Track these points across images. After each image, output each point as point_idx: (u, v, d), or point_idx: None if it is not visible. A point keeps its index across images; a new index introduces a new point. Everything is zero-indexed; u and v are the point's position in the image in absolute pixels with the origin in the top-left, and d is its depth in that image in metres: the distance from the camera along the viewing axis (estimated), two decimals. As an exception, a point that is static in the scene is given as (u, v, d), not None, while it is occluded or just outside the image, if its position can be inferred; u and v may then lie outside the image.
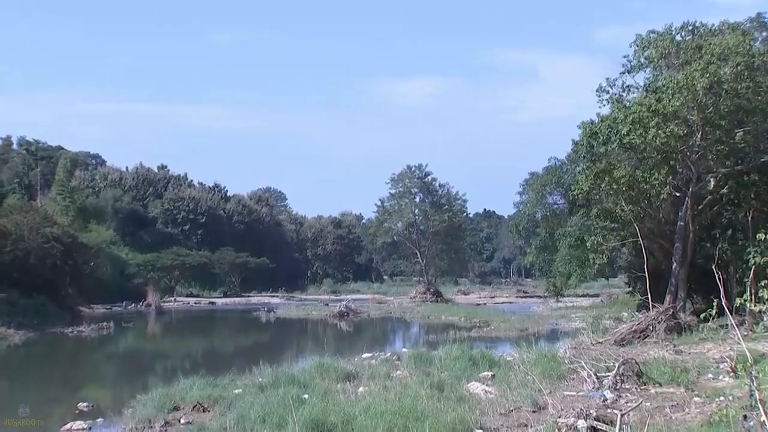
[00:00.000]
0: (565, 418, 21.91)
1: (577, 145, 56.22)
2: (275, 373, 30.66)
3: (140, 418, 25.48)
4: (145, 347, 63.49)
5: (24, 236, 76.70)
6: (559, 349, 39.93)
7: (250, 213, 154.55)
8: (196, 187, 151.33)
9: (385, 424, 21.07)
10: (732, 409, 16.86)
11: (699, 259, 47.39)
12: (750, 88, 45.72)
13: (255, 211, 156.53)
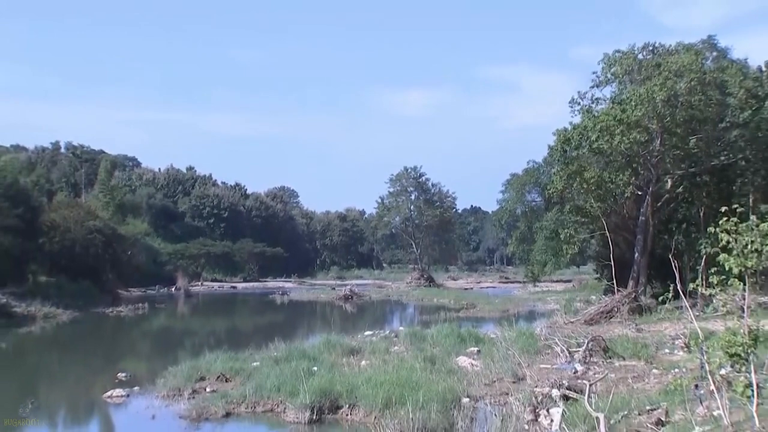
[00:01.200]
0: (541, 388, 22.04)
1: (552, 150, 56.45)
2: (288, 348, 30.88)
3: (171, 387, 25.73)
4: (175, 325, 63.64)
5: (70, 228, 76.91)
6: (536, 328, 40.02)
7: (267, 209, 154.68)
8: (220, 186, 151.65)
9: (384, 393, 21.24)
10: (685, 380, 16.98)
11: (658, 250, 47.54)
12: (702, 101, 45.99)
13: (271, 207, 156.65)
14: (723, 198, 41.49)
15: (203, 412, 22.46)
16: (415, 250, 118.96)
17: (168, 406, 24.08)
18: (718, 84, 47.41)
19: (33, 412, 27.71)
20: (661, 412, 17.88)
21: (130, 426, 23.39)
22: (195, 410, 22.65)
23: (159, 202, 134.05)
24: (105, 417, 25.00)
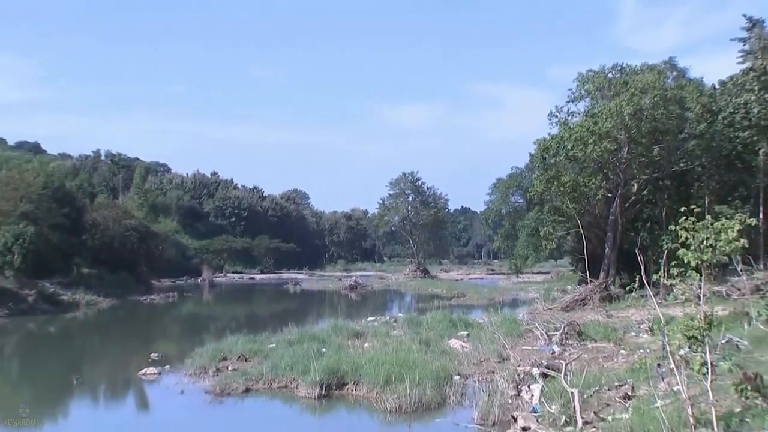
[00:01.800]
0: (523, 367, 22.08)
1: (533, 157, 56.51)
2: (300, 332, 30.95)
3: (197, 366, 25.84)
4: (201, 312, 63.72)
5: (109, 226, 77.06)
6: (519, 314, 40.15)
7: (281, 209, 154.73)
8: (240, 189, 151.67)
9: (385, 371, 21.29)
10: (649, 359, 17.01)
11: (625, 245, 47.44)
12: (664, 115, 46.05)
13: (285, 208, 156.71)
14: (682, 200, 41.51)
15: (226, 388, 22.60)
16: (412, 245, 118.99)
17: (195, 382, 24.22)
18: (678, 100, 47.44)
19: (79, 385, 27.95)
20: (627, 388, 17.91)
21: (162, 400, 23.39)
22: (219, 386, 22.83)
23: (186, 203, 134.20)
24: (140, 391, 25.05)
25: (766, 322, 20.95)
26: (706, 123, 47.16)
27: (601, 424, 15.36)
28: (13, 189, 66.67)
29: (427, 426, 18.52)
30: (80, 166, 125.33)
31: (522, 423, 16.88)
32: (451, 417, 18.74)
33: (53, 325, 49.47)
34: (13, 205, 63.93)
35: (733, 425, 12.89)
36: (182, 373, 25.74)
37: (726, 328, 18.99)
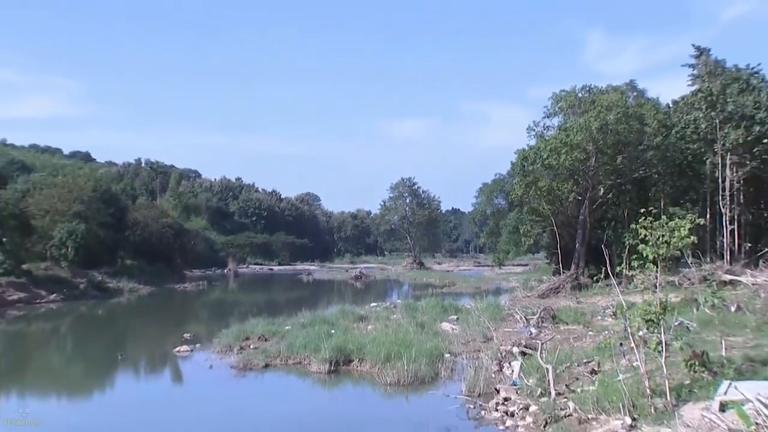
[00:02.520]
0: (505, 346, 22.04)
1: (514, 165, 56.35)
2: (312, 316, 30.93)
3: (224, 345, 25.83)
4: (227, 298, 63.71)
5: (149, 224, 77.25)
6: (501, 301, 40.06)
7: (296, 209, 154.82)
8: (260, 192, 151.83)
9: (386, 350, 21.29)
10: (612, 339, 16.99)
11: (593, 241, 47.45)
12: (626, 129, 46.16)
13: (299, 208, 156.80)
14: (641, 202, 41.54)
15: (248, 364, 22.62)
16: (410, 241, 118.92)
17: (221, 358, 24.21)
18: (638, 116, 47.36)
19: (123, 360, 27.98)
20: (594, 364, 17.89)
21: (193, 373, 23.41)
22: (242, 362, 22.87)
23: (214, 205, 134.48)
24: (175, 366, 25.05)
25: (711, 307, 20.97)
26: (661, 136, 47.13)
27: (571, 395, 15.34)
28: (67, 192, 66.81)
29: (422, 397, 18.50)
30: (124, 172, 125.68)
31: (503, 394, 16.88)
32: (442, 389, 18.72)
33: (101, 308, 49.54)
34: (67, 205, 64.13)
35: (683, 395, 12.94)
36: (211, 351, 25.74)
37: (678, 312, 18.99)
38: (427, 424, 15.05)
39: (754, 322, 21.03)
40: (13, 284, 50.21)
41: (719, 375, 13.36)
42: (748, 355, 15.46)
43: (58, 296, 52.11)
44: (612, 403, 13.51)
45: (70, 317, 44.31)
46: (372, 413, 17.60)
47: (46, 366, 28.93)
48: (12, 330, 38.52)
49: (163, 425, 17.17)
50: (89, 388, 24.11)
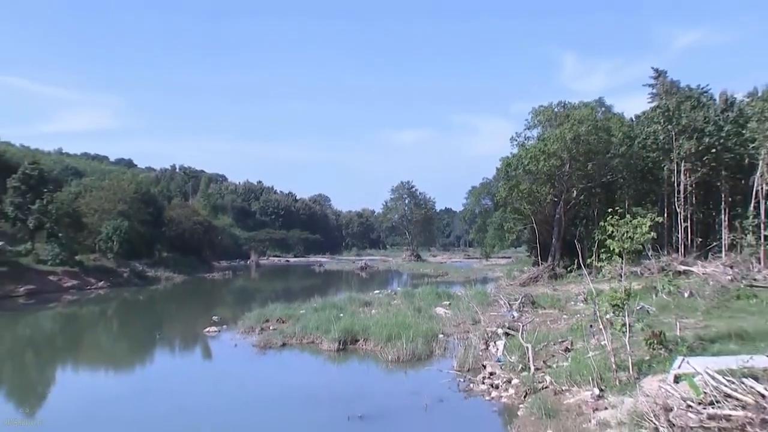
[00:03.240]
0: (491, 328, 22.03)
1: (499, 170, 56.68)
2: (323, 301, 30.96)
3: (247, 326, 25.90)
4: (249, 286, 63.66)
5: (182, 222, 77.38)
6: (488, 288, 40.09)
7: (310, 209, 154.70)
8: (278, 194, 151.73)
9: (387, 331, 21.31)
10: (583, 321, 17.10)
11: (567, 237, 47.36)
12: (595, 139, 46.13)
13: (312, 208, 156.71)
14: (609, 203, 41.48)
15: (268, 343, 22.69)
16: (408, 236, 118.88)
17: (245, 338, 24.27)
18: (606, 129, 47.34)
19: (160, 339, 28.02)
20: (568, 343, 17.89)
21: (221, 351, 23.40)
22: (262, 341, 22.94)
23: (239, 205, 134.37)
24: (204, 344, 25.07)
25: (668, 294, 20.93)
26: (625, 146, 47.13)
27: (548, 370, 15.34)
28: (113, 194, 67.01)
29: (419, 372, 18.48)
30: (161, 176, 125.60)
31: (489, 369, 16.87)
32: (436, 365, 18.69)
33: (141, 294, 49.58)
34: (113, 205, 64.36)
35: (644, 369, 12.95)
36: (235, 332, 25.79)
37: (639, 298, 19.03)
38: (423, 395, 15.03)
39: (703, 307, 21.12)
40: (68, 273, 50.49)
41: (674, 352, 13.38)
42: (698, 334, 15.48)
43: (105, 283, 52.27)
44: (583, 376, 13.54)
45: (115, 302, 44.38)
46: (375, 386, 17.61)
47: (96, 343, 29.05)
48: (67, 312, 38.61)
49: (194, 395, 17.21)
50: (132, 363, 24.16)
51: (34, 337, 30.24)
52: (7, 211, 51.04)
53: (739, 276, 28.32)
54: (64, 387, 20.09)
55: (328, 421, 13.61)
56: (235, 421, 14.23)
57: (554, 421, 11.90)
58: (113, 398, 17.34)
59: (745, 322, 17.11)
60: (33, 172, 53.52)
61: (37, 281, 46.72)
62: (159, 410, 15.55)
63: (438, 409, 14.28)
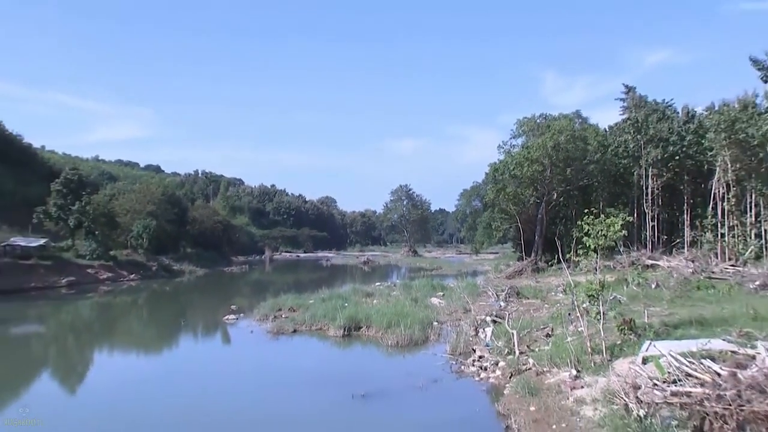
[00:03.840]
0: (480, 316, 22.02)
1: (487, 175, 56.73)
2: (330, 292, 30.86)
3: (261, 314, 25.88)
4: (263, 278, 63.55)
5: (204, 221, 77.48)
6: (477, 280, 40.00)
7: (317, 209, 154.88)
8: (290, 196, 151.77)
9: (387, 318, 21.27)
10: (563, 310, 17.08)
11: (548, 234, 47.34)
12: (573, 147, 46.28)
13: (320, 208, 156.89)
14: (585, 204, 41.35)
15: (280, 330, 22.65)
16: (406, 234, 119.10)
17: (260, 325, 24.23)
18: (582, 138, 47.43)
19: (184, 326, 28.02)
20: (548, 329, 17.87)
21: (238, 336, 23.36)
22: (275, 328, 22.91)
23: (254, 206, 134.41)
24: (224, 331, 25.02)
25: (637, 285, 20.91)
26: (600, 153, 47.15)
27: (531, 353, 15.31)
28: (143, 196, 67.09)
29: (415, 356, 18.46)
30: (185, 180, 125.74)
31: (479, 353, 16.85)
32: (431, 350, 18.70)
33: (168, 285, 49.57)
34: (143, 206, 64.42)
35: (616, 352, 12.92)
36: (251, 319, 25.77)
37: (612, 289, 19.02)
38: (419, 376, 15.02)
39: (668, 296, 21.16)
40: (103, 266, 50.60)
41: (642, 336, 13.35)
42: (663, 321, 15.45)
43: (136, 276, 52.29)
44: (562, 359, 13.52)
45: (145, 292, 44.37)
46: (376, 368, 17.58)
47: (128, 329, 29.03)
48: (103, 301, 38.62)
49: (215, 376, 17.20)
50: (160, 346, 24.13)
51: (75, 323, 30.28)
52: (50, 212, 51.36)
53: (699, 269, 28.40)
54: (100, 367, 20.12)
55: (334, 400, 13.59)
56: (250, 399, 14.22)
57: (536, 399, 11.89)
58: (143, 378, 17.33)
59: (704, 310, 17.11)
60: (73, 177, 53.78)
61: (76, 274, 46.84)
62: (183, 389, 15.55)
63: (432, 389, 14.26)
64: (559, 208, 50.93)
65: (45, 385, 17.43)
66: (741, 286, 23.28)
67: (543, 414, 11.02)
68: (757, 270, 26.60)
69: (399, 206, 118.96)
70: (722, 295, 21.48)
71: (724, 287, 23.07)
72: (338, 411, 12.86)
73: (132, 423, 12.51)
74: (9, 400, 15.25)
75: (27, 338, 25.72)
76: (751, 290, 22.43)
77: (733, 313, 15.98)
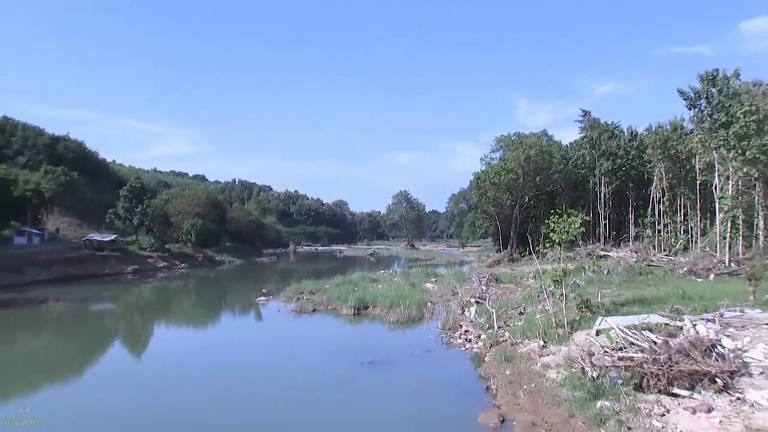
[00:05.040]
0: (466, 297, 21.97)
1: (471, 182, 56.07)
2: (342, 278, 30.69)
3: (287, 296, 25.83)
4: (288, 267, 63.28)
5: (240, 220, 77.22)
6: (464, 269, 39.83)
7: (333, 210, 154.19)
8: (309, 199, 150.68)
9: (390, 300, 21.24)
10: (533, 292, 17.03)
11: (522, 231, 46.98)
12: (541, 160, 45.94)
13: (334, 210, 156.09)
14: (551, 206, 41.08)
15: (302, 309, 22.63)
16: (405, 231, 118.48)
17: (286, 305, 24.17)
18: (549, 152, 47.17)
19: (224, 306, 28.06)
20: (521, 308, 17.78)
21: (269, 314, 23.33)
22: (298, 308, 22.89)
23: (281, 208, 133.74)
24: (256, 309, 25.02)
25: (592, 272, 20.92)
26: (563, 165, 47.00)
27: (507, 328, 15.29)
28: (191, 200, 67.07)
29: (413, 330, 18.42)
30: (225, 187, 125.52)
31: (465, 328, 16.83)
32: (426, 325, 18.68)
33: (211, 273, 49.55)
34: (191, 208, 64.41)
35: (575, 326, 12.86)
36: (279, 300, 25.71)
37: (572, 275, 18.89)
38: (416, 346, 15.05)
39: (617, 281, 21.10)
40: (160, 257, 50.84)
41: (596, 313, 13.33)
42: (613, 300, 15.42)
43: (186, 265, 52.33)
44: (532, 332, 13.50)
45: (193, 278, 44.42)
46: (381, 340, 17.57)
47: (180, 307, 29.12)
48: (160, 285, 38.72)
49: (250, 345, 17.28)
50: (206, 322, 24.24)
51: (138, 303, 30.49)
52: (119, 213, 52.60)
53: (641, 258, 28.48)
54: (159, 337, 20.41)
55: (346, 366, 13.61)
56: (278, 364, 14.29)
57: (511, 365, 11.90)
58: (193, 345, 17.47)
59: (645, 291, 17.11)
60: (137, 185, 54.58)
61: (139, 263, 47.14)
62: (225, 355, 15.64)
63: (427, 357, 14.28)
64: (530, 209, 50.70)
65: (116, 350, 17.78)
66: (672, 272, 23.35)
67: (516, 377, 11.04)
68: (684, 259, 26.88)
69: (399, 208, 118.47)
70: (658, 279, 21.53)
71: (660, 273, 23.17)
72: (350, 374, 12.89)
73: (186, 378, 12.82)
74: (94, 360, 16.01)
75: (102, 313, 26.15)
76: (680, 275, 22.51)
77: (666, 293, 16.01)
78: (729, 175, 26.78)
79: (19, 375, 14.06)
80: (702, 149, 29.44)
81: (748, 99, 25.41)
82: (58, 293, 30.38)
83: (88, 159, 69.41)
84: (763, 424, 6.89)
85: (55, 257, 40.70)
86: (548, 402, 9.21)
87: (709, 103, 29.63)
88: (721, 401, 7.75)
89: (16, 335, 19.93)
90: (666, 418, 7.52)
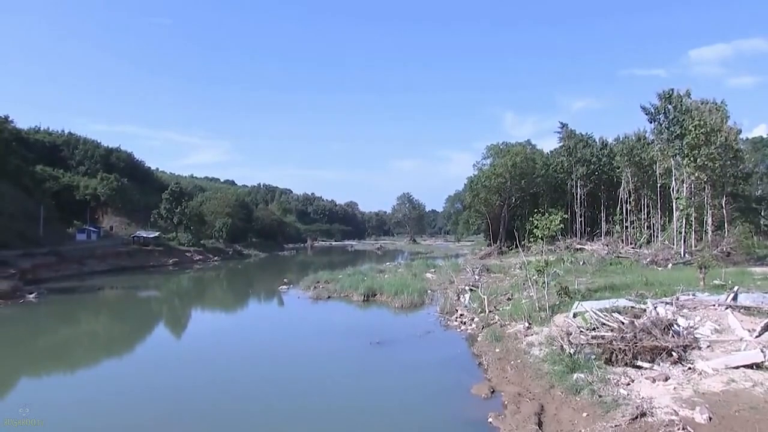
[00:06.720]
0: (461, 286, 21.97)
1: (465, 185, 55.94)
2: (353, 269, 30.65)
3: (305, 285, 25.77)
4: (307, 260, 63.34)
5: (264, 219, 77.45)
6: (459, 260, 39.72)
7: (345, 211, 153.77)
8: (325, 201, 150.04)
9: (395, 288, 21.20)
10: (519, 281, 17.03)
11: (509, 227, 46.78)
12: (526, 166, 45.92)
13: (346, 210, 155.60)
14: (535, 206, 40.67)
15: (319, 296, 22.64)
16: (408, 228, 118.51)
17: (304, 293, 24.18)
18: (532, 159, 47.13)
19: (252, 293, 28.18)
20: (509, 294, 17.72)
21: (289, 301, 23.41)
22: (315, 295, 22.91)
23: (300, 208, 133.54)
24: (279, 296, 25.12)
25: (570, 263, 20.90)
26: (544, 170, 46.93)
27: (497, 311, 15.31)
28: (222, 202, 67.44)
29: (416, 315, 18.43)
30: (251, 190, 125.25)
31: (460, 312, 16.86)
32: (426, 310, 18.71)
33: (240, 265, 49.77)
34: (222, 209, 64.78)
35: (555, 310, 12.84)
36: (298, 289, 25.78)
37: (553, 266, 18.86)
38: (418, 328, 15.12)
39: (591, 270, 21.16)
40: (196, 251, 51.13)
41: (573, 298, 13.34)
42: (588, 287, 15.43)
43: (218, 258, 52.54)
44: (518, 315, 13.52)
45: (224, 269, 44.67)
46: (387, 322, 17.64)
47: (213, 294, 29.37)
48: (196, 276, 38.98)
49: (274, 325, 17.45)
50: (236, 307, 24.41)
51: (178, 290, 30.75)
52: (161, 213, 53.49)
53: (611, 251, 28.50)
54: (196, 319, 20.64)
55: (357, 345, 13.71)
56: (298, 343, 14.41)
57: (500, 343, 11.95)
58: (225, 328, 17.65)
59: (614, 279, 17.18)
60: (176, 189, 55.17)
61: (178, 256, 47.48)
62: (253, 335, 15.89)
63: (427, 337, 14.35)
64: (517, 208, 50.56)
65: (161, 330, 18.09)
66: (638, 262, 23.44)
67: (504, 354, 11.10)
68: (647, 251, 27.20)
69: (403, 208, 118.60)
70: (626, 268, 21.68)
71: (627, 263, 23.31)
72: (360, 352, 12.99)
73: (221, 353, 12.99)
74: (143, 338, 16.35)
75: (149, 299, 26.45)
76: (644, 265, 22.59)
77: (632, 280, 16.12)
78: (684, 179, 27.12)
79: (86, 349, 14.79)
80: (661, 157, 30.06)
81: (698, 114, 26.19)
82: (112, 282, 30.80)
83: (136, 167, 70.42)
84: (707, 388, 7.17)
85: (109, 251, 41.35)
86: (532, 375, 9.27)
87: (666, 118, 30.20)
88: (676, 371, 7.93)
89: (81, 316, 20.42)
90: (631, 386, 7.66)
